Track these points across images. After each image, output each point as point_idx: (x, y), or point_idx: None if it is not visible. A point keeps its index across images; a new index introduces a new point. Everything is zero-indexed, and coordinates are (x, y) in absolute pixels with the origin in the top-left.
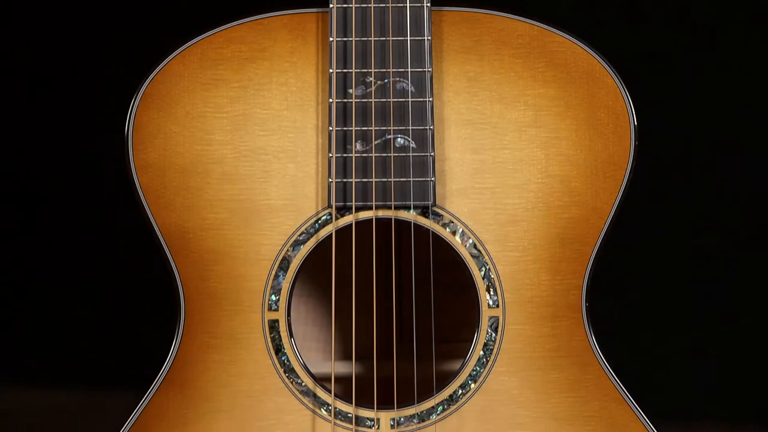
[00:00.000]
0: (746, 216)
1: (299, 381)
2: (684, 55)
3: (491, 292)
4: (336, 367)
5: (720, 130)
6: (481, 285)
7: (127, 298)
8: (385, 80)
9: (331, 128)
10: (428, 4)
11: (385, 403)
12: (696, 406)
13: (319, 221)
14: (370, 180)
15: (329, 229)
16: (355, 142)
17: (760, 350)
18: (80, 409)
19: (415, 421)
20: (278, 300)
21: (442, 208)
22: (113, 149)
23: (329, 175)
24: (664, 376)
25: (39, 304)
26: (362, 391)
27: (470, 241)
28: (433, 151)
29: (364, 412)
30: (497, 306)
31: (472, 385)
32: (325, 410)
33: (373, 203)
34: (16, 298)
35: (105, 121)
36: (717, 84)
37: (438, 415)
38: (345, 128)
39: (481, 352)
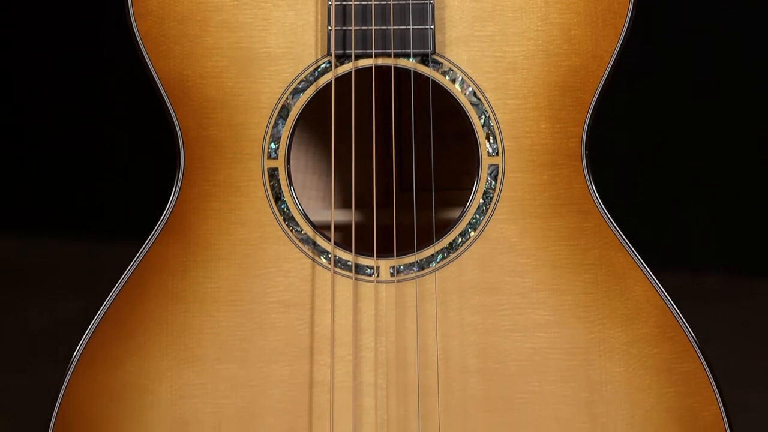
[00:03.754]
0: (751, 64)
1: (299, 229)
2: None
3: (491, 140)
4: (335, 216)
5: None
6: (480, 133)
7: (124, 148)
8: None
9: None
10: None
11: (384, 252)
12: (695, 255)
13: (319, 69)
14: (369, 27)
15: (329, 77)
16: None
17: (760, 199)
18: (78, 260)
19: (414, 269)
20: (278, 148)
21: (442, 56)
22: None
23: (328, 23)
24: (665, 224)
25: (34, 155)
26: (362, 239)
27: (470, 89)
28: None
29: (364, 260)
30: (497, 154)
31: (472, 233)
32: (325, 258)
33: (373, 51)
34: (13, 154)
35: None
36: None
37: (438, 263)
38: None
39: (481, 200)
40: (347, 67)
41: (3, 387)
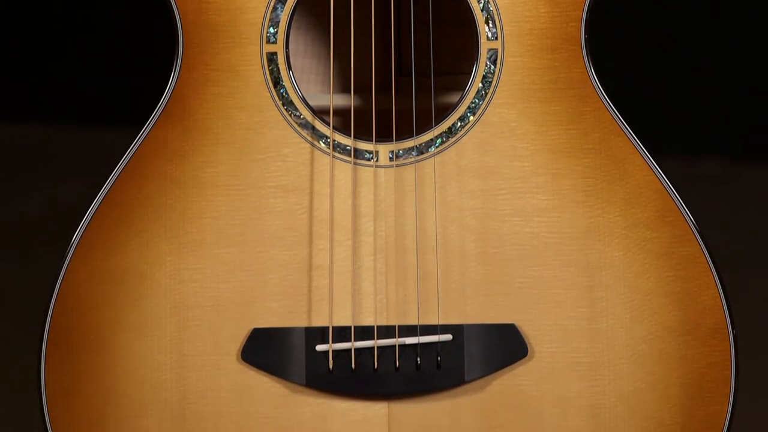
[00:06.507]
0: None
1: (298, 114)
2: None
3: (490, 25)
4: (335, 100)
5: None
6: (479, 17)
7: (123, 32)
8: None
9: None
10: None
11: (383, 136)
12: (695, 139)
13: None
14: None
15: None
16: None
17: (759, 83)
18: (77, 145)
19: (413, 153)
20: (276, 32)
21: None
22: None
23: None
24: (664, 109)
25: (32, 39)
26: (361, 124)
27: None
28: None
29: (363, 145)
30: (496, 38)
31: (471, 118)
32: (324, 143)
33: None
34: (11, 38)
35: None
36: None
37: (437, 147)
38: None
39: (480, 85)
40: None
41: (3, 272)
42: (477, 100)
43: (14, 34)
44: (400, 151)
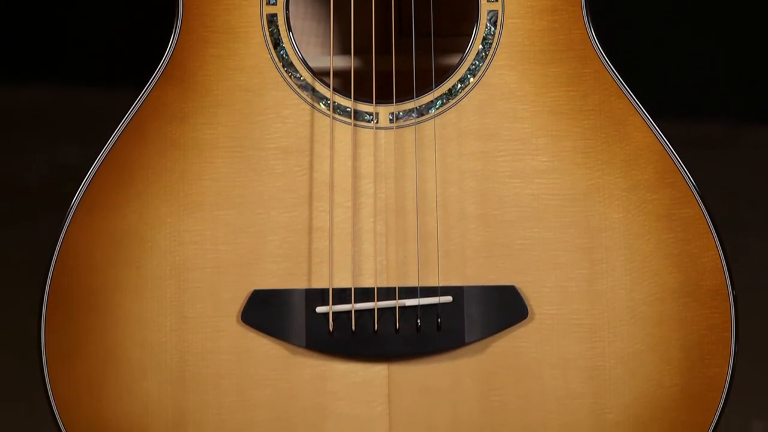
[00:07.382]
0: None
1: (298, 75)
2: None
3: None
4: (335, 62)
5: None
6: None
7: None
8: None
9: None
10: None
11: (384, 98)
12: (696, 101)
13: None
14: None
15: None
16: None
17: (760, 46)
18: (78, 107)
19: (413, 115)
20: None
21: None
22: None
23: None
24: (665, 71)
25: (32, 4)
26: (361, 86)
27: None
28: None
29: (363, 107)
30: (496, 0)
31: (471, 80)
32: (324, 104)
33: None
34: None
35: None
36: None
37: (437, 109)
38: None
39: (480, 46)
40: None
41: (3, 234)
42: (477, 62)
43: None
44: (401, 113)
